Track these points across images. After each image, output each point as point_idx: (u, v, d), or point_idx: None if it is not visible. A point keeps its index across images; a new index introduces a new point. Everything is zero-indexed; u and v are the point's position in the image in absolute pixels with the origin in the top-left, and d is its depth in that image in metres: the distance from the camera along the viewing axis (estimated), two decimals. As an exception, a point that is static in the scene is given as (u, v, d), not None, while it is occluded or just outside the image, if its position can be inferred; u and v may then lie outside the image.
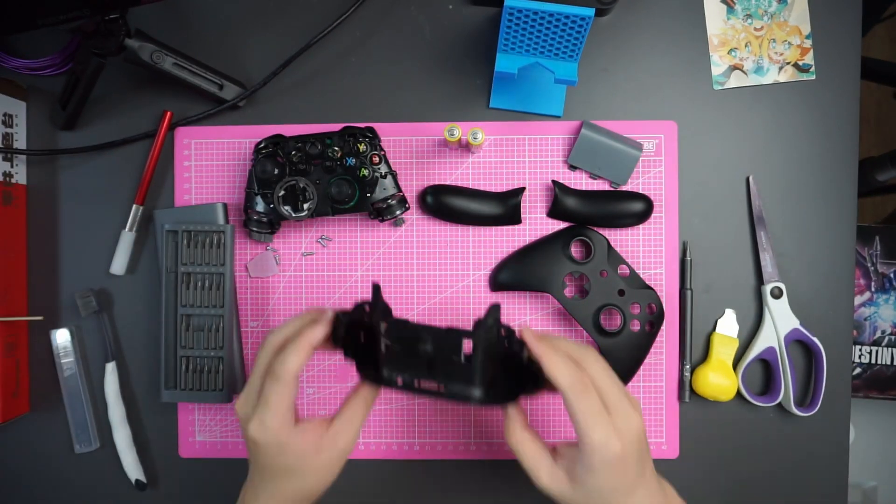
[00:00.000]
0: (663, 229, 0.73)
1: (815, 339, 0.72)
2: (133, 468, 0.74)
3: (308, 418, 0.56)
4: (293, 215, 0.69)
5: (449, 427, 0.74)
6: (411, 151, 0.74)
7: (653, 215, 0.73)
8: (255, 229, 0.71)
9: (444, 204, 0.72)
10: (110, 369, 0.74)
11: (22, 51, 0.75)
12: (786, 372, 0.72)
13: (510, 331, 0.55)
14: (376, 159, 0.70)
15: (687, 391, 0.73)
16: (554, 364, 0.52)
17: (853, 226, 0.74)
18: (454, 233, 0.74)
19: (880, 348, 1.02)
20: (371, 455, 0.75)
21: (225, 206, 0.73)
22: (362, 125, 0.71)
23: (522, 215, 0.73)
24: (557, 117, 0.74)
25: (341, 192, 0.68)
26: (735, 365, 0.73)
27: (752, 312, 0.74)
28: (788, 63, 0.73)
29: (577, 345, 0.55)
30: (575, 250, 0.72)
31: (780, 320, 0.72)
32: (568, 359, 0.53)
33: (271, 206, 0.69)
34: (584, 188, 0.74)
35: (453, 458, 0.74)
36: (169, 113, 0.73)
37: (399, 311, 0.74)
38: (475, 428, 0.74)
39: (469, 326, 0.53)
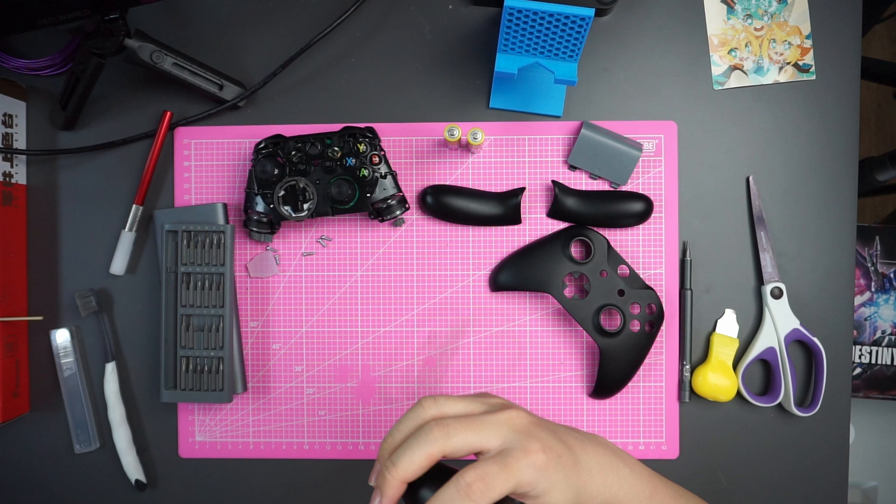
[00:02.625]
0: (663, 229, 0.73)
1: (815, 339, 0.72)
2: (133, 468, 0.74)
3: None
4: (293, 215, 0.69)
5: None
6: (411, 151, 0.74)
7: (653, 215, 0.73)
8: (255, 229, 0.71)
9: (444, 204, 0.72)
10: (110, 369, 0.74)
11: (22, 51, 0.75)
12: (786, 372, 0.72)
13: None
14: (376, 159, 0.70)
15: (687, 391, 0.73)
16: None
17: (853, 226, 0.74)
18: (454, 233, 0.74)
19: (880, 348, 1.02)
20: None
21: (225, 206, 0.73)
22: (362, 125, 0.71)
23: (522, 215, 0.73)
24: (557, 117, 0.74)
25: (341, 192, 0.68)
26: (735, 365, 0.73)
27: (752, 312, 0.74)
28: (788, 63, 0.73)
29: (412, 437, 0.46)
30: (575, 250, 0.72)
31: (780, 320, 0.72)
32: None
33: (271, 206, 0.69)
34: (584, 188, 0.74)
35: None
36: (169, 113, 0.73)
37: (399, 311, 0.74)
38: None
39: (468, 327, 0.52)
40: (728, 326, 0.73)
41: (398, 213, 0.71)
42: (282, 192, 0.69)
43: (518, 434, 0.46)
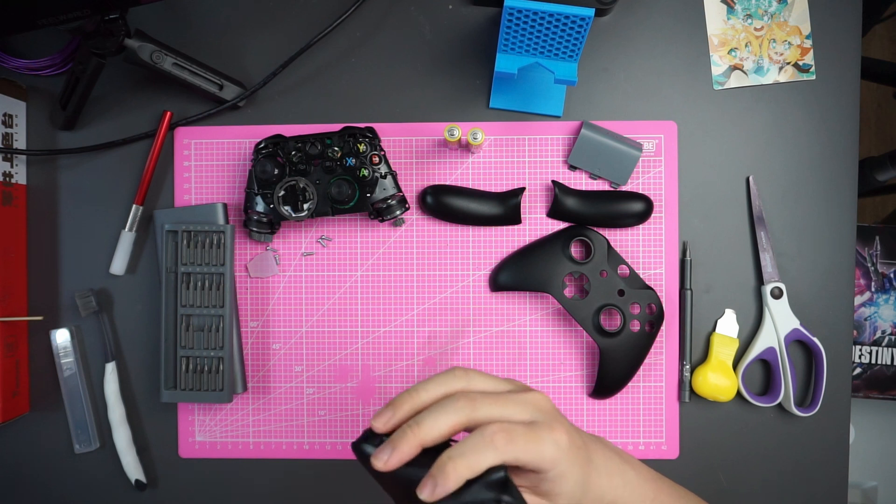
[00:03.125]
0: (663, 229, 0.73)
1: (815, 339, 0.72)
2: (133, 468, 0.74)
3: None
4: (293, 215, 0.69)
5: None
6: (411, 151, 0.74)
7: (653, 215, 0.73)
8: (255, 229, 0.71)
9: (444, 204, 0.72)
10: (110, 369, 0.74)
11: (22, 51, 0.75)
12: (786, 372, 0.72)
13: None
14: (376, 159, 0.70)
15: (687, 391, 0.73)
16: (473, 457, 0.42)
17: (853, 226, 0.74)
18: (454, 233, 0.74)
19: (880, 348, 1.02)
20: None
21: (225, 206, 0.73)
22: (362, 125, 0.71)
23: (522, 215, 0.73)
24: (557, 117, 0.74)
25: (341, 192, 0.68)
26: (735, 365, 0.73)
27: (752, 312, 0.74)
28: (788, 63, 0.73)
29: (437, 404, 0.45)
30: (575, 250, 0.72)
31: (780, 320, 0.72)
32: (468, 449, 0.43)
33: (271, 206, 0.69)
34: (584, 188, 0.74)
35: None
36: (169, 113, 0.73)
37: (399, 311, 0.74)
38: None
39: (468, 327, 0.52)
40: (728, 326, 0.73)
41: (398, 213, 0.71)
42: (282, 192, 0.69)
43: (544, 414, 0.46)
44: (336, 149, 0.69)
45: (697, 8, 0.74)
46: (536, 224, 0.74)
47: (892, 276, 1.02)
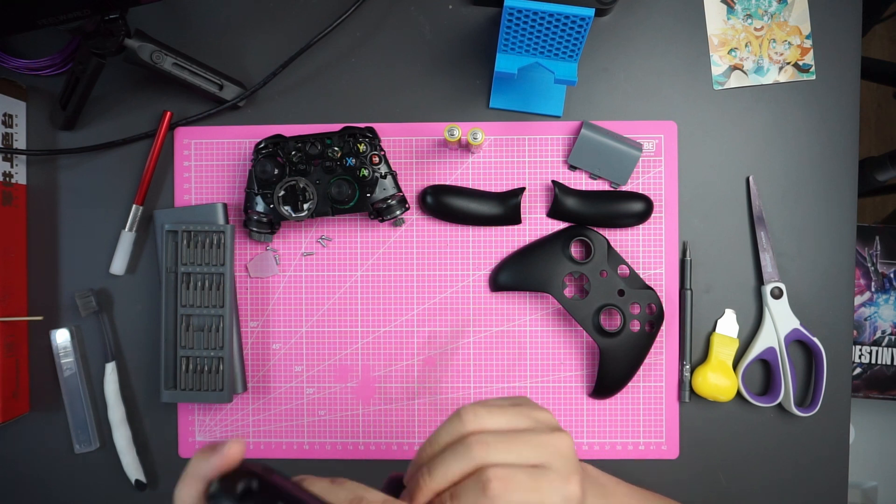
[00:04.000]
0: (663, 229, 0.73)
1: (815, 339, 0.72)
2: (133, 468, 0.74)
3: None
4: (293, 215, 0.69)
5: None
6: (411, 151, 0.74)
7: (653, 215, 0.73)
8: (255, 229, 0.71)
9: (444, 204, 0.72)
10: (110, 369, 0.74)
11: (22, 51, 0.75)
12: (786, 372, 0.72)
13: None
14: (376, 159, 0.70)
15: (687, 391, 0.73)
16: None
17: (853, 226, 0.74)
18: (454, 233, 0.74)
19: (880, 348, 1.02)
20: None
21: (225, 206, 0.73)
22: (362, 125, 0.71)
23: (522, 215, 0.73)
24: (557, 117, 0.74)
25: (341, 192, 0.68)
26: (735, 365, 0.73)
27: (752, 312, 0.74)
28: (788, 63, 0.73)
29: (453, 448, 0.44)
30: (575, 250, 0.72)
31: (780, 320, 0.72)
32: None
33: (271, 206, 0.69)
34: (584, 188, 0.74)
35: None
36: (169, 113, 0.73)
37: (399, 311, 0.74)
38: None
39: (468, 327, 0.52)
40: (728, 326, 0.73)
41: (398, 213, 0.71)
42: (282, 192, 0.69)
43: (563, 460, 0.44)
44: (336, 149, 0.69)
45: (697, 8, 0.74)
46: (536, 224, 0.74)
47: (892, 276, 1.02)
